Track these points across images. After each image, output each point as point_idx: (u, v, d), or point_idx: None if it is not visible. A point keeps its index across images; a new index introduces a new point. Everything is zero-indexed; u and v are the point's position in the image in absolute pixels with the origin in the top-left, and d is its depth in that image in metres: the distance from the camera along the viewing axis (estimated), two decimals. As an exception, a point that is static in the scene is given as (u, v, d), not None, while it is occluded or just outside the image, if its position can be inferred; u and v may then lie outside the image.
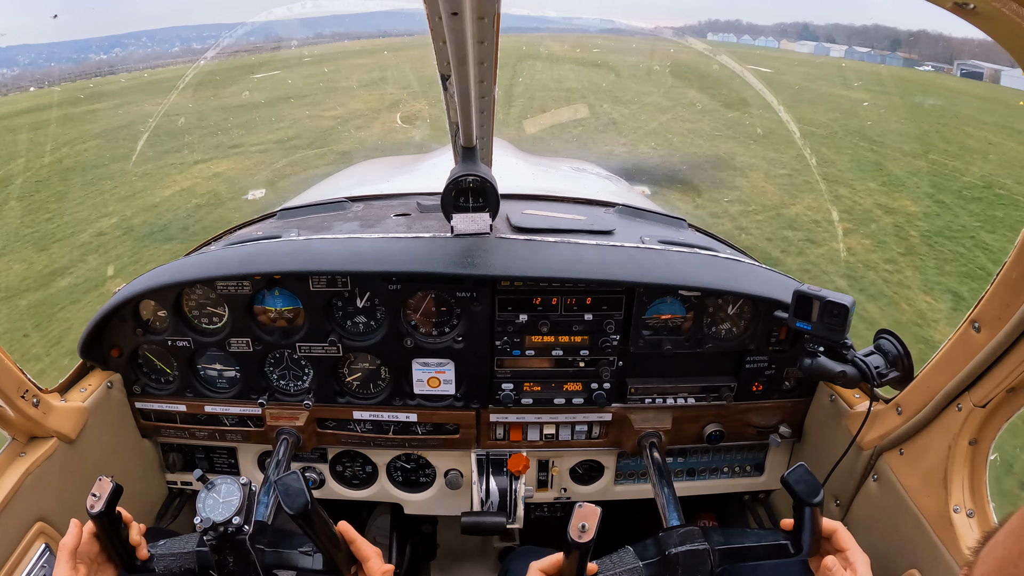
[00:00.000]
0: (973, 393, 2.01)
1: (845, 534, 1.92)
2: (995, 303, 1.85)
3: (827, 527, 1.94)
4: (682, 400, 2.91)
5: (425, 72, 28.45)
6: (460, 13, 1.35)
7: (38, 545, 2.35)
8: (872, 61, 67.76)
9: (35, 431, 2.45)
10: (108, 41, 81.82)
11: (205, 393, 2.95)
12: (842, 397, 2.73)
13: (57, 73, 57.89)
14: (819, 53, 75.84)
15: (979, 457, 2.07)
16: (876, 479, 2.47)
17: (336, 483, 3.22)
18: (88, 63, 67.87)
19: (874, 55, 71.57)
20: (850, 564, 1.86)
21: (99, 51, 73.25)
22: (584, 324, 2.76)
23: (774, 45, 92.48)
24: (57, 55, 72.78)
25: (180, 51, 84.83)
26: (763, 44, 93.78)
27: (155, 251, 12.54)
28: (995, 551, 0.90)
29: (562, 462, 3.13)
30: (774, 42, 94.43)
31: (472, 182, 2.58)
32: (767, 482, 3.24)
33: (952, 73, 57.28)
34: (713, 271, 2.73)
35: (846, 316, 2.24)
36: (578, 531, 1.67)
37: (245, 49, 41.33)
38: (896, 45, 77.42)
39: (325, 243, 2.72)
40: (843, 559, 1.89)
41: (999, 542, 0.89)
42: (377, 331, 2.80)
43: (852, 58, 70.47)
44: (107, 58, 70.57)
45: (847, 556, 1.88)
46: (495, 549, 4.03)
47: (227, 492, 1.90)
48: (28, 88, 46.58)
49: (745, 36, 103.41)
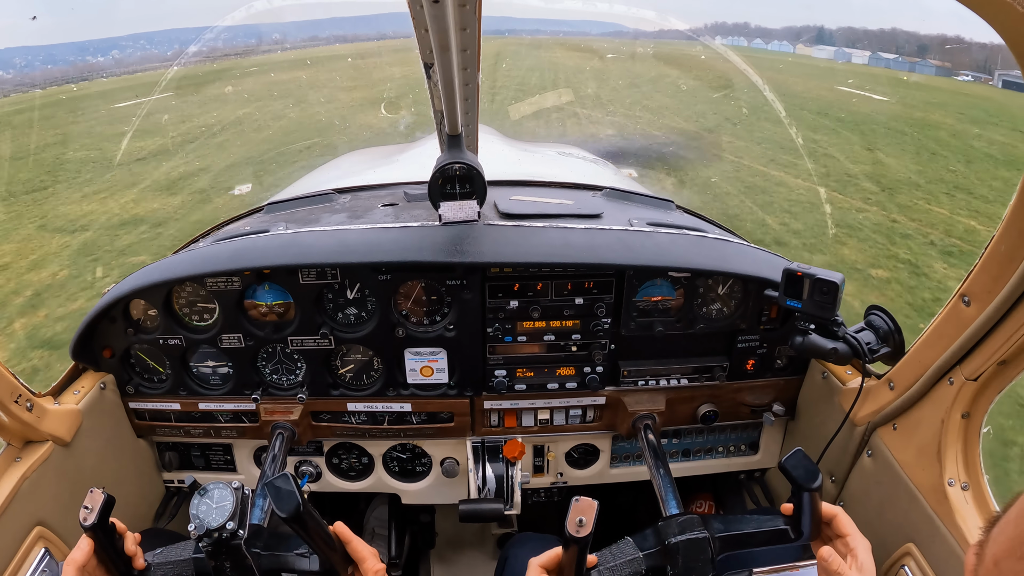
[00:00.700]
0: (964, 367, 2.02)
1: (845, 519, 1.93)
2: (984, 277, 1.86)
3: (827, 512, 1.94)
4: (675, 381, 2.92)
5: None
6: (441, 1, 1.34)
7: (38, 549, 2.35)
8: (899, 68, 60.98)
9: (30, 435, 2.44)
10: (107, 43, 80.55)
11: (199, 391, 2.94)
12: (834, 374, 2.74)
13: (43, 77, 57.09)
14: (839, 59, 69.41)
15: (972, 430, 2.08)
16: (870, 455, 2.49)
17: (333, 475, 3.22)
18: (81, 65, 67.07)
19: (901, 62, 64.72)
20: (851, 550, 1.86)
21: (96, 53, 72.27)
22: (575, 308, 2.76)
23: (789, 50, 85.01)
24: (55, 57, 71.45)
25: (173, 54, 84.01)
26: (776, 49, 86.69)
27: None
28: (1007, 530, 0.89)
29: (557, 447, 3.14)
30: (788, 46, 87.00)
31: (459, 170, 2.57)
32: (762, 460, 3.26)
33: (992, 84, 49.14)
34: (702, 252, 2.73)
35: (836, 293, 2.24)
36: (576, 525, 1.67)
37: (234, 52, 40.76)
38: (924, 50, 70.52)
39: (313, 236, 2.70)
40: (843, 544, 1.89)
41: (1010, 521, 0.89)
42: (368, 322, 2.79)
43: (878, 64, 64.77)
44: (103, 60, 69.66)
45: (847, 541, 1.89)
46: (494, 536, 4.05)
47: (220, 497, 1.88)
48: (9, 94, 45.96)
49: (757, 40, 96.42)
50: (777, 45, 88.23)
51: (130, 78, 51.72)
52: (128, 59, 73.37)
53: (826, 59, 69.13)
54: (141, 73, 56.41)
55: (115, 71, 61.99)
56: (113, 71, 62.12)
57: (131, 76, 54.18)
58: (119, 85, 45.88)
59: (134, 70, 61.20)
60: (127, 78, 52.54)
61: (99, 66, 67.75)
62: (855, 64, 63.55)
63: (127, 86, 42.74)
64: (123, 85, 44.82)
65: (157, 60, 69.54)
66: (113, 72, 61.03)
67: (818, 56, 73.03)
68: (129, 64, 70.88)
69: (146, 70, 58.41)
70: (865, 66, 61.71)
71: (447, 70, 1.78)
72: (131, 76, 54.18)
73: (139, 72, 57.30)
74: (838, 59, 68.31)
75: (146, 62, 68.48)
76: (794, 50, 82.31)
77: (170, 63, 57.74)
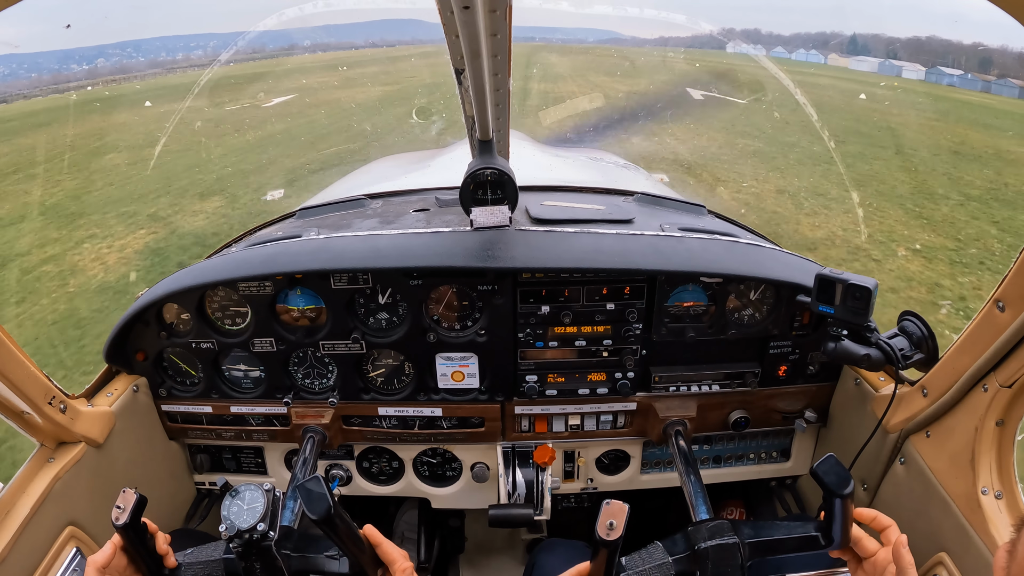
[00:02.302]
0: (999, 373, 1.99)
1: (884, 517, 1.91)
2: (1019, 282, 1.83)
3: (866, 514, 1.92)
4: (706, 387, 2.91)
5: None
6: (472, 7, 1.35)
7: (69, 549, 2.38)
8: (970, 88, 50.93)
9: (63, 437, 2.48)
10: (94, 51, 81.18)
11: (230, 394, 2.98)
12: (867, 380, 2.71)
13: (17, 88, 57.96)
14: (885, 72, 59.09)
15: (1006, 438, 2.05)
16: (903, 462, 2.46)
17: (363, 479, 3.24)
18: (61, 75, 67.99)
19: (972, 80, 53.56)
20: (890, 541, 1.85)
21: (82, 61, 73.04)
22: (606, 314, 2.76)
23: (819, 60, 73.74)
24: (40, 65, 71.91)
25: (146, 64, 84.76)
26: (801, 59, 75.61)
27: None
28: None
29: (587, 452, 3.13)
30: (819, 56, 75.49)
31: (490, 175, 2.58)
32: (794, 467, 3.23)
33: None
34: (734, 257, 2.72)
35: (869, 299, 2.22)
36: (606, 529, 1.67)
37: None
38: (987, 65, 58.68)
39: (345, 241, 2.73)
40: (884, 537, 1.88)
41: None
42: (400, 327, 2.81)
43: (940, 82, 53.99)
44: (87, 68, 70.47)
45: (888, 534, 1.87)
46: (523, 541, 4.04)
47: (251, 499, 1.89)
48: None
49: (778, 48, 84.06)
50: (802, 55, 79.05)
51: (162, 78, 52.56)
52: (101, 69, 74.13)
53: (869, 71, 60.19)
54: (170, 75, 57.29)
55: (150, 72, 63.05)
56: (148, 72, 63.15)
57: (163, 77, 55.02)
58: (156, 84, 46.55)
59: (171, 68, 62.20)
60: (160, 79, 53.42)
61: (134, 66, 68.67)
62: (911, 80, 53.87)
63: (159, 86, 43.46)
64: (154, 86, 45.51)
65: (130, 70, 70.43)
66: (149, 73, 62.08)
67: (858, 68, 63.93)
68: (164, 64, 71.92)
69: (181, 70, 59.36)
70: (938, 86, 52.25)
71: (478, 76, 1.79)
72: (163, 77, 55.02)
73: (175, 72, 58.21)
74: (883, 72, 59.19)
75: (123, 71, 69.21)
76: (825, 61, 73.14)
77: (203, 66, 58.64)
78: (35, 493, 2.28)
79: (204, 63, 51.28)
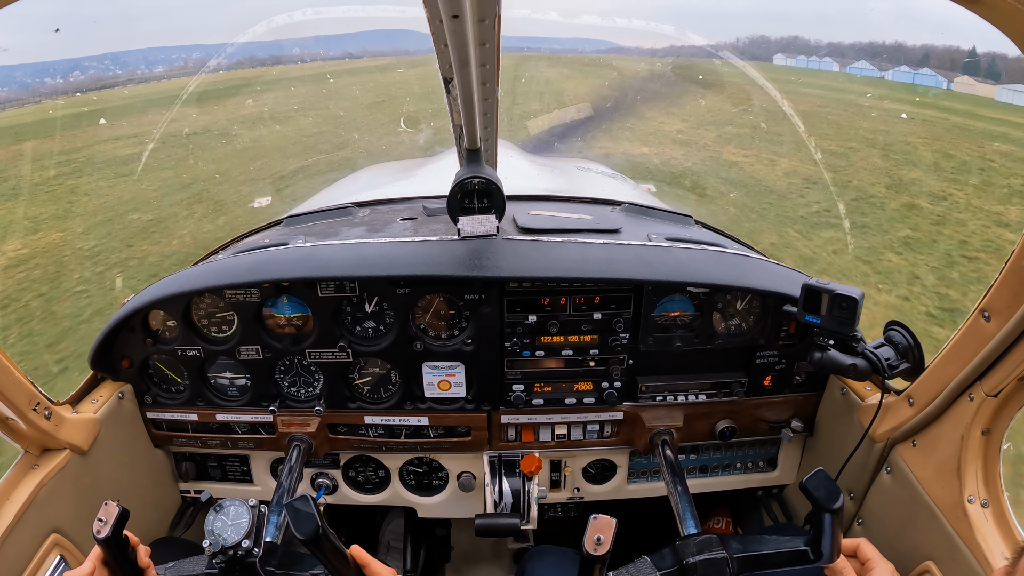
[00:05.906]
0: (984, 383, 2.00)
1: (868, 546, 1.93)
2: (1004, 292, 1.85)
3: (849, 545, 1.94)
4: (693, 397, 2.91)
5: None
6: (461, 16, 1.35)
7: (54, 556, 2.36)
8: None
9: (48, 443, 2.46)
10: (68, 64, 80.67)
11: (216, 402, 2.96)
12: (853, 390, 2.72)
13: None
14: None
15: (992, 447, 2.06)
16: (889, 471, 2.46)
17: (349, 488, 3.22)
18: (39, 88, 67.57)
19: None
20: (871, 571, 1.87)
21: (56, 74, 72.45)
22: (593, 323, 2.77)
23: (874, 74, 65.66)
24: (10, 79, 70.96)
25: (126, 76, 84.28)
26: (857, 71, 67.56)
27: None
28: None
29: (574, 462, 3.13)
30: (874, 70, 66.88)
31: (477, 184, 2.58)
32: (780, 477, 3.23)
33: None
34: (721, 267, 2.72)
35: (855, 309, 2.23)
36: (593, 544, 1.67)
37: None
38: None
39: (332, 249, 2.72)
40: (866, 569, 1.89)
41: None
42: (386, 336, 2.80)
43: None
44: (62, 82, 70.03)
45: (869, 566, 1.89)
46: (509, 551, 4.02)
47: (236, 514, 1.89)
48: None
49: (825, 58, 76.07)
50: (857, 69, 69.73)
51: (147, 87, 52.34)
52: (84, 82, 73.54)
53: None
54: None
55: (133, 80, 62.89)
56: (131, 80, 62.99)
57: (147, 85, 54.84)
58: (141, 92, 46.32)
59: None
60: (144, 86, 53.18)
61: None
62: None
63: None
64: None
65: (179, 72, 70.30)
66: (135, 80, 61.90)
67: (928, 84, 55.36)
68: (91, 82, 71.50)
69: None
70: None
71: (466, 85, 1.79)
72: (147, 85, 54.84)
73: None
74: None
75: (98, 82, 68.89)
76: (883, 76, 63.33)
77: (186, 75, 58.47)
78: (19, 500, 2.26)
79: (183, 74, 51.10)
